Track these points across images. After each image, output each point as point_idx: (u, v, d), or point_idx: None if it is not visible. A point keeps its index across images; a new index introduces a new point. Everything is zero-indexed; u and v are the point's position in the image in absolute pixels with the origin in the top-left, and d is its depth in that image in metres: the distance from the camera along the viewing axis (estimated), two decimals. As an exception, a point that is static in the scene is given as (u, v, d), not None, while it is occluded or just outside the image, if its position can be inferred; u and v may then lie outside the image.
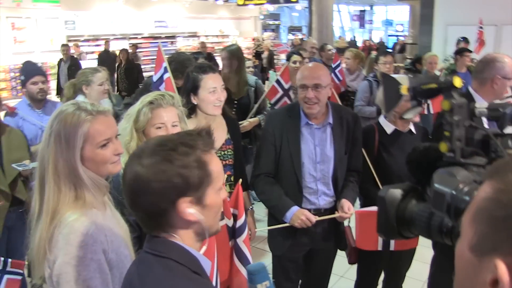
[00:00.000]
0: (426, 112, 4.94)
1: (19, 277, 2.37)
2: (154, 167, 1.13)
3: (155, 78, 3.30)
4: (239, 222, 2.27)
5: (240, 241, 2.26)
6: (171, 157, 1.14)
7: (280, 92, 4.40)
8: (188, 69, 2.87)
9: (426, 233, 1.06)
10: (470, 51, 6.57)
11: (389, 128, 2.83)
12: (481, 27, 7.64)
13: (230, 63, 4.42)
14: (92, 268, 1.43)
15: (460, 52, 6.50)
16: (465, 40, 7.57)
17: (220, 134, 2.82)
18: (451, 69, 6.50)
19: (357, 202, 3.21)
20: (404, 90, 1.17)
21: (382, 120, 2.89)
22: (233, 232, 2.29)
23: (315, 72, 2.62)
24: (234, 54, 4.45)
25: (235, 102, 4.23)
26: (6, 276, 2.31)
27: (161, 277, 1.14)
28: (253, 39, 20.40)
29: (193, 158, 1.16)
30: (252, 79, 4.54)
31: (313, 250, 2.86)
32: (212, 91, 2.64)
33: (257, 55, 15.75)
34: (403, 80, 1.27)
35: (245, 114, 4.21)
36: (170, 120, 2.11)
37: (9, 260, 2.35)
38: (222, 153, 2.81)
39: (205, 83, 2.64)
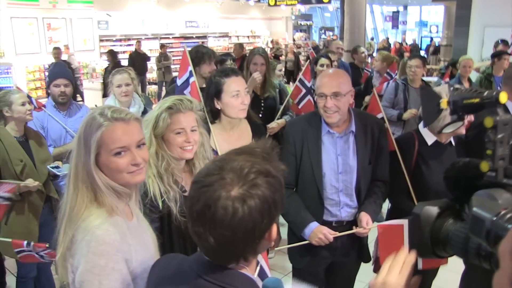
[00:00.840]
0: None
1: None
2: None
3: (179, 82, 3.25)
4: None
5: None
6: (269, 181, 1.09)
7: (303, 90, 4.32)
8: (211, 73, 2.82)
9: (463, 255, 1.01)
10: (509, 54, 6.20)
11: (430, 139, 2.66)
12: None
13: (264, 68, 4.34)
14: (113, 278, 1.42)
15: (498, 55, 6.15)
16: (504, 42, 7.29)
17: (245, 139, 2.76)
18: (487, 72, 6.14)
19: (384, 210, 3.09)
20: (444, 104, 1.11)
21: (422, 129, 2.71)
22: None
23: (334, 80, 2.50)
24: (267, 59, 4.41)
25: (262, 103, 4.20)
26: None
27: None
28: (272, 42, 20.25)
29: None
30: (276, 81, 4.50)
31: (334, 263, 2.76)
32: (236, 94, 2.57)
33: (276, 58, 15.64)
34: (443, 91, 1.20)
35: (271, 115, 4.17)
36: (189, 125, 2.06)
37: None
38: (247, 158, 2.74)
39: (228, 86, 2.58)
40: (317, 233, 2.52)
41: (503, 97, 1.00)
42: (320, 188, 2.56)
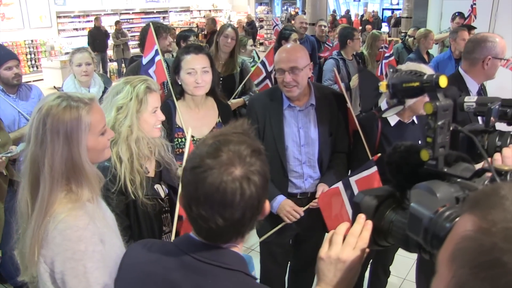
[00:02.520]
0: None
1: None
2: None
3: (144, 61, 3.20)
4: None
5: None
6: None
7: (264, 73, 4.29)
8: (178, 50, 2.84)
9: (404, 245, 0.97)
10: (475, 28, 5.94)
11: (393, 119, 2.67)
12: (474, 4, 7.46)
13: (233, 43, 4.30)
14: (96, 259, 1.43)
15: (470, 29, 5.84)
16: (461, 15, 7.42)
17: (211, 117, 2.79)
18: (447, 46, 6.11)
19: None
20: (383, 87, 1.06)
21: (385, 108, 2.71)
22: None
23: (291, 55, 2.54)
24: (237, 34, 4.36)
25: (221, 80, 4.13)
26: None
27: None
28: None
29: None
30: (239, 58, 4.46)
31: (301, 234, 2.85)
32: (190, 72, 2.60)
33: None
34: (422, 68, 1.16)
35: (229, 93, 4.12)
36: (158, 104, 2.12)
37: None
38: (214, 136, 2.76)
39: (185, 63, 2.62)
40: (285, 205, 2.59)
41: (442, 81, 0.94)
42: (283, 160, 2.62)
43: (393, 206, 1.01)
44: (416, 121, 2.72)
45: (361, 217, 1.04)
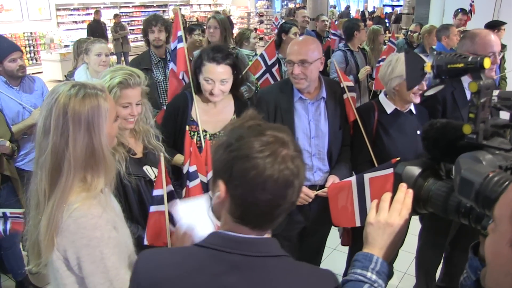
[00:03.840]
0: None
1: (21, 220, 2.62)
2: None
3: (172, 46, 3.13)
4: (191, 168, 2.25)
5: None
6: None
7: (263, 67, 4.28)
8: (203, 49, 2.81)
9: (442, 212, 1.07)
10: (505, 23, 5.75)
11: (389, 107, 2.71)
12: (473, 1, 7.44)
13: (218, 32, 4.34)
14: (112, 245, 1.47)
15: (494, 26, 5.48)
16: (463, 11, 7.42)
17: (227, 114, 2.74)
18: None
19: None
20: (428, 68, 1.13)
21: (382, 98, 2.76)
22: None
23: (301, 48, 2.54)
24: (223, 23, 4.37)
25: None
26: (9, 220, 2.67)
27: (305, 273, 1.14)
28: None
29: None
30: (235, 51, 4.41)
31: (307, 228, 2.85)
32: (208, 81, 2.55)
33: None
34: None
35: None
36: (135, 99, 2.15)
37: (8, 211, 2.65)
38: (227, 133, 2.74)
39: (205, 70, 2.55)
40: None
41: (487, 63, 1.04)
42: None
43: (432, 176, 1.11)
44: (414, 112, 2.75)
45: (403, 185, 1.13)
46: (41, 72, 12.24)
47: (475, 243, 1.21)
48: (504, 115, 1.29)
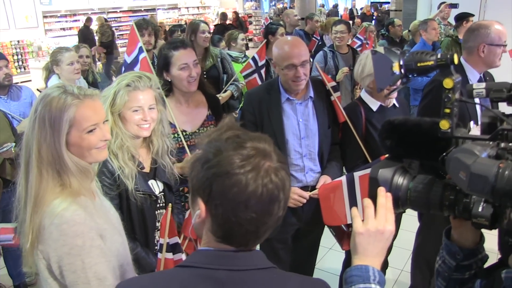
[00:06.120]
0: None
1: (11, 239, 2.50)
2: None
3: (129, 59, 3.12)
4: None
5: None
6: None
7: (253, 67, 4.30)
8: (161, 46, 2.80)
9: (424, 208, 1.09)
10: (473, 15, 5.92)
11: (374, 104, 2.73)
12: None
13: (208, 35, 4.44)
14: (95, 254, 1.42)
15: (463, 18, 5.85)
16: (452, 6, 7.40)
17: (201, 110, 2.77)
18: (455, 35, 5.73)
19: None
20: (396, 67, 1.13)
21: (365, 96, 2.77)
22: None
23: (301, 49, 2.53)
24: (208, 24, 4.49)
25: (204, 74, 4.18)
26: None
27: (295, 284, 1.10)
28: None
29: None
30: (216, 50, 4.54)
31: (300, 229, 2.83)
32: (184, 67, 2.57)
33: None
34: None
35: (215, 85, 4.15)
36: (147, 103, 2.05)
37: None
38: (205, 129, 2.74)
39: (176, 59, 2.58)
40: (291, 194, 2.56)
41: (456, 58, 1.06)
42: (284, 154, 2.59)
43: (404, 175, 1.13)
44: (397, 105, 2.79)
45: (382, 189, 1.11)
46: (30, 81, 12.12)
47: (447, 228, 1.21)
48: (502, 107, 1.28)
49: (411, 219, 2.94)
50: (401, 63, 1.12)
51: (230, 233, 1.03)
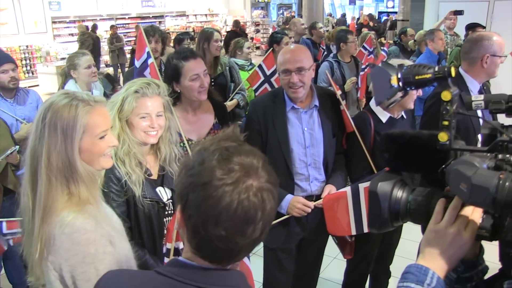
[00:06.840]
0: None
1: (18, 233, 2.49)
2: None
3: (138, 64, 3.14)
4: None
5: None
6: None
7: (262, 78, 4.32)
8: (169, 55, 2.78)
9: (424, 219, 1.08)
10: (484, 27, 5.98)
11: (383, 116, 2.72)
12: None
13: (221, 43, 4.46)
14: (108, 261, 1.42)
15: (472, 27, 5.86)
16: (457, 13, 7.36)
17: (208, 119, 2.76)
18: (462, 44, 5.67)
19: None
20: (394, 81, 1.13)
21: (375, 107, 2.75)
22: None
23: (297, 56, 2.53)
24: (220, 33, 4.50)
25: (212, 81, 4.16)
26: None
27: None
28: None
29: None
30: (225, 58, 4.56)
31: (305, 239, 2.81)
32: (195, 78, 2.55)
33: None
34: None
35: (221, 93, 4.17)
36: (155, 110, 2.04)
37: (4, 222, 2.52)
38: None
39: (187, 70, 2.56)
40: (295, 203, 2.56)
41: (453, 71, 1.06)
42: (289, 163, 2.58)
43: (403, 188, 1.12)
44: (405, 116, 2.79)
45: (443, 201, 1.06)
46: (37, 85, 12.23)
47: None
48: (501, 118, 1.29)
49: (414, 229, 2.92)
50: (399, 76, 1.12)
51: (200, 247, 0.99)
